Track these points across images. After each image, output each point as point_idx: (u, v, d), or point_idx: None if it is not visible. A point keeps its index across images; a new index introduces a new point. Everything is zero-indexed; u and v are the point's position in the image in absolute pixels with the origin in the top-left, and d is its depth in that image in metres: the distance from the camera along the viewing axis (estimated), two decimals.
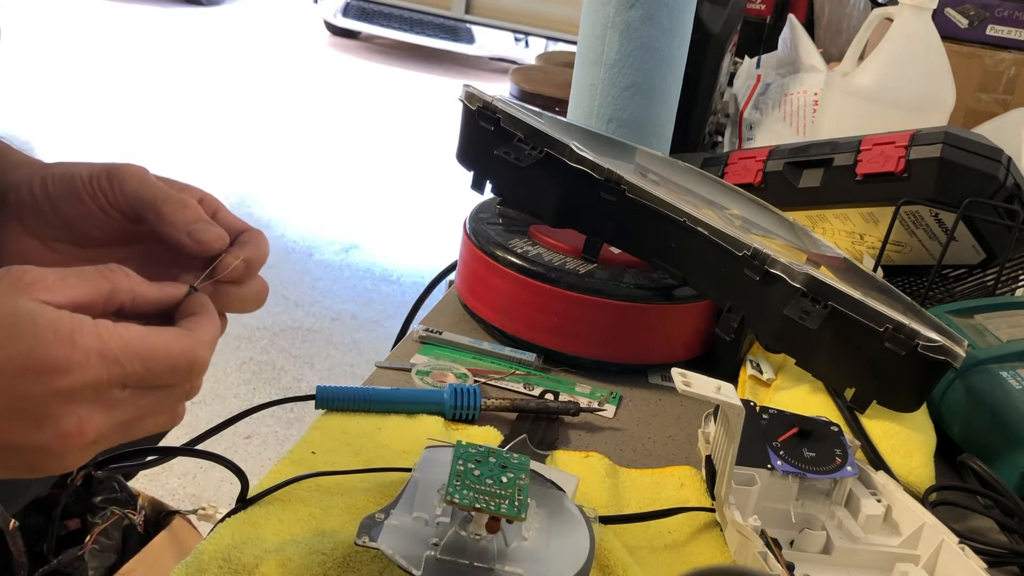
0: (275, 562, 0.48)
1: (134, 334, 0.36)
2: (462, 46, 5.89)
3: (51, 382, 0.34)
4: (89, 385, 0.35)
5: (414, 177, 4.05)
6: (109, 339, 0.35)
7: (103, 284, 0.37)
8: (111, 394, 0.36)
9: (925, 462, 0.63)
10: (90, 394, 0.35)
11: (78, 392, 0.34)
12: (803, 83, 1.26)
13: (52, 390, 0.34)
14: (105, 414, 0.36)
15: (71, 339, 0.34)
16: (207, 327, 0.39)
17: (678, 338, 0.76)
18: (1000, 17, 1.38)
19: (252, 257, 0.43)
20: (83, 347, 0.34)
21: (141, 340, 0.36)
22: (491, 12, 5.50)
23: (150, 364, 0.36)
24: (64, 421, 0.34)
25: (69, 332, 0.34)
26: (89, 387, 0.35)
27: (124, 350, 0.35)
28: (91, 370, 0.34)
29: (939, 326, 0.65)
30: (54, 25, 5.43)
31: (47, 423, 0.34)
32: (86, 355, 0.34)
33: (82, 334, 0.34)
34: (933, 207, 0.84)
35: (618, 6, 0.93)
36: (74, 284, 0.36)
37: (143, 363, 0.36)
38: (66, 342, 0.34)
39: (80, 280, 0.36)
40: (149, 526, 1.28)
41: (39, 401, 0.34)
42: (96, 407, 0.35)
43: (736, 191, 0.84)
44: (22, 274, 0.35)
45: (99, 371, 0.35)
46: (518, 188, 0.76)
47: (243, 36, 6.12)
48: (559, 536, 0.49)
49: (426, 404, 0.66)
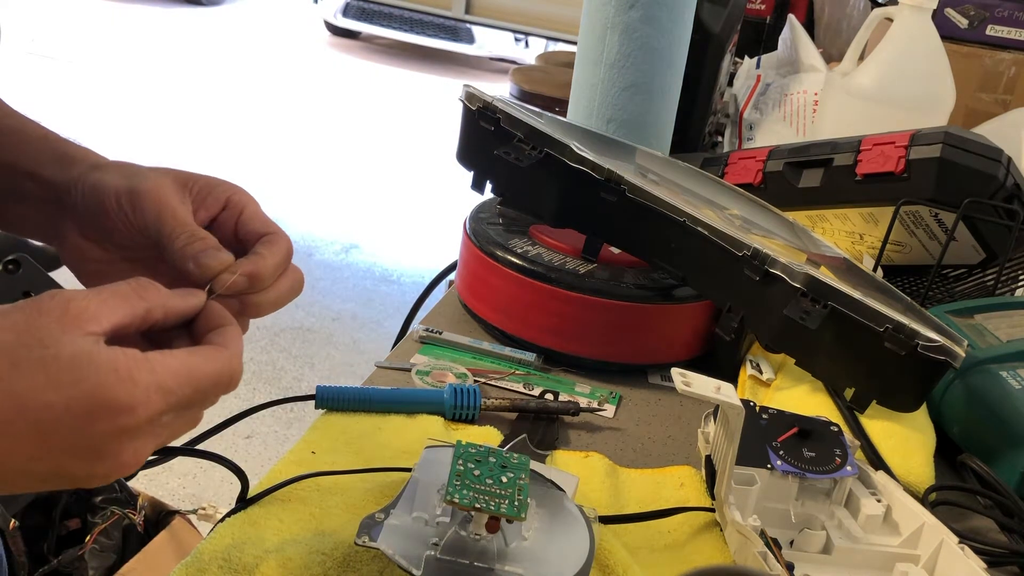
0: (275, 562, 0.48)
1: (180, 361, 0.37)
2: (462, 46, 5.89)
3: (116, 421, 0.35)
4: (149, 419, 0.36)
5: (414, 177, 4.05)
6: (162, 372, 0.36)
7: (139, 304, 0.38)
8: (162, 421, 0.37)
9: (925, 462, 0.63)
10: (147, 426, 0.36)
11: (140, 427, 0.36)
12: (803, 83, 1.26)
13: (117, 428, 0.35)
14: (156, 440, 0.37)
15: (131, 378, 0.35)
16: (236, 338, 0.41)
17: (678, 338, 0.76)
18: (1000, 17, 1.38)
19: (254, 271, 0.43)
20: (143, 384, 0.35)
21: (187, 366, 0.37)
22: (491, 12, 5.50)
23: (198, 386, 0.37)
24: (124, 455, 0.36)
25: (128, 371, 0.35)
26: (148, 421, 0.36)
27: (176, 379, 0.36)
28: (152, 406, 0.36)
29: (939, 326, 0.65)
30: (54, 25, 5.43)
31: (108, 457, 0.36)
32: (146, 392, 0.35)
33: (140, 372, 0.35)
34: (933, 207, 0.84)
35: (618, 6, 0.93)
36: (114, 307, 0.37)
37: (192, 387, 0.37)
38: (127, 381, 0.35)
39: (118, 301, 0.37)
40: (149, 526, 1.28)
41: (103, 439, 0.35)
42: (150, 436, 0.37)
43: (736, 191, 0.84)
44: (67, 304, 0.35)
45: (158, 404, 0.36)
46: (518, 188, 0.76)
47: (243, 36, 6.12)
48: (559, 536, 0.49)
49: (426, 404, 0.66)
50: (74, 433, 0.34)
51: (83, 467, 0.36)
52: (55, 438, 0.34)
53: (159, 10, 6.34)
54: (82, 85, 4.52)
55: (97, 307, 0.36)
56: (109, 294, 0.37)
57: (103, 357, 0.35)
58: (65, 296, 0.36)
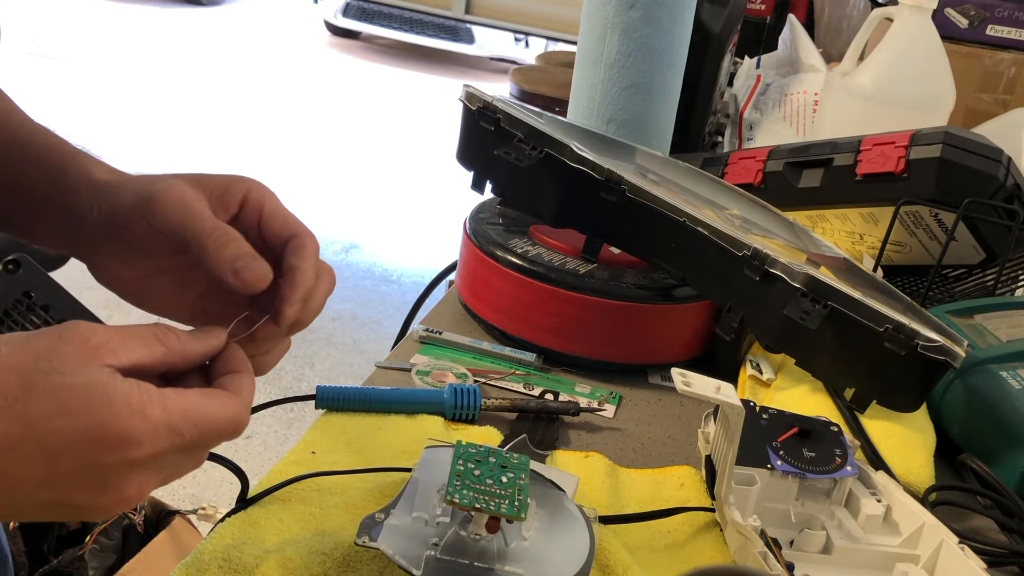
0: (275, 562, 0.48)
1: (193, 404, 0.37)
2: (462, 46, 5.89)
3: (123, 453, 0.35)
4: (155, 455, 0.36)
5: (414, 177, 4.05)
6: (174, 411, 0.36)
7: (158, 348, 0.39)
8: (167, 459, 0.37)
9: (925, 462, 0.63)
10: (152, 462, 0.37)
11: (145, 462, 0.36)
12: (803, 83, 1.26)
13: (123, 461, 0.35)
14: (158, 476, 0.38)
15: (143, 413, 0.35)
16: (248, 387, 0.41)
17: (678, 338, 0.76)
18: (1000, 17, 1.38)
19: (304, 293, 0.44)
20: (153, 420, 0.36)
21: (199, 409, 0.37)
22: (491, 12, 5.50)
23: (205, 430, 0.38)
24: (126, 488, 0.36)
25: (141, 406, 0.35)
26: (154, 457, 0.36)
27: (185, 420, 0.37)
28: (159, 442, 0.36)
29: (939, 326, 0.65)
30: (54, 25, 5.43)
31: (111, 489, 0.36)
32: (155, 429, 0.36)
33: (153, 408, 0.36)
34: (933, 207, 0.84)
35: (618, 6, 0.93)
36: (133, 347, 0.37)
37: (199, 431, 0.37)
38: (138, 416, 0.35)
39: (138, 343, 0.38)
40: (149, 526, 1.28)
41: (109, 470, 0.35)
42: (153, 472, 0.37)
43: (736, 191, 0.84)
44: (89, 336, 0.36)
45: (165, 442, 0.36)
46: (518, 188, 0.76)
47: (243, 36, 6.12)
48: (559, 536, 0.49)
49: (426, 404, 0.66)
50: (81, 462, 0.35)
51: (87, 497, 0.36)
52: (62, 465, 0.35)
53: (159, 10, 6.34)
54: (82, 85, 4.52)
55: (118, 343, 0.37)
56: (130, 334, 0.38)
57: (118, 389, 0.35)
58: (88, 327, 0.36)
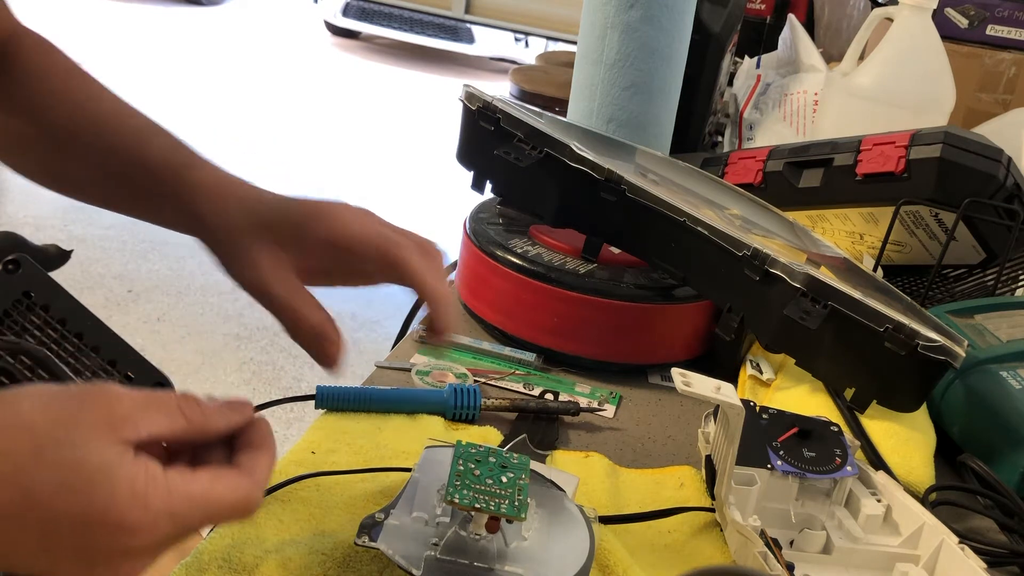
0: (275, 562, 0.48)
1: (199, 489, 0.37)
2: (462, 46, 5.89)
3: (119, 540, 0.35)
4: (152, 544, 0.36)
5: (414, 177, 4.05)
6: (177, 498, 0.36)
7: (179, 423, 0.38)
8: (166, 541, 0.37)
9: (925, 462, 0.63)
10: (148, 549, 0.36)
11: (140, 550, 0.36)
12: (803, 83, 1.25)
13: (119, 547, 0.35)
14: (154, 555, 0.37)
15: (144, 502, 0.35)
16: (265, 467, 0.40)
17: (678, 338, 0.76)
18: (1000, 17, 1.38)
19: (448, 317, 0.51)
20: (154, 509, 0.35)
21: (206, 494, 0.37)
22: (491, 12, 5.50)
23: (209, 513, 0.37)
24: (120, 571, 0.36)
25: (144, 494, 0.35)
26: (151, 545, 0.36)
27: (189, 506, 0.36)
28: (158, 531, 0.35)
29: (939, 326, 0.65)
30: (54, 25, 5.43)
31: (101, 568, 0.35)
32: (155, 517, 0.35)
33: (155, 496, 0.35)
34: (933, 207, 0.84)
35: (618, 6, 0.93)
36: (155, 420, 0.37)
37: (204, 514, 0.37)
38: (139, 506, 0.35)
39: (160, 416, 0.37)
40: None
41: (102, 553, 0.35)
42: (149, 555, 0.37)
43: (736, 191, 0.84)
44: (115, 405, 0.36)
45: (166, 529, 0.36)
46: (518, 188, 0.76)
47: (243, 36, 6.12)
48: (559, 536, 0.49)
49: (426, 404, 0.66)
50: (75, 541, 0.34)
51: (74, 572, 0.35)
52: (56, 539, 0.34)
53: (159, 10, 6.34)
54: None
55: (141, 417, 0.36)
56: (153, 405, 0.37)
57: (123, 473, 0.35)
58: (115, 395, 0.36)
